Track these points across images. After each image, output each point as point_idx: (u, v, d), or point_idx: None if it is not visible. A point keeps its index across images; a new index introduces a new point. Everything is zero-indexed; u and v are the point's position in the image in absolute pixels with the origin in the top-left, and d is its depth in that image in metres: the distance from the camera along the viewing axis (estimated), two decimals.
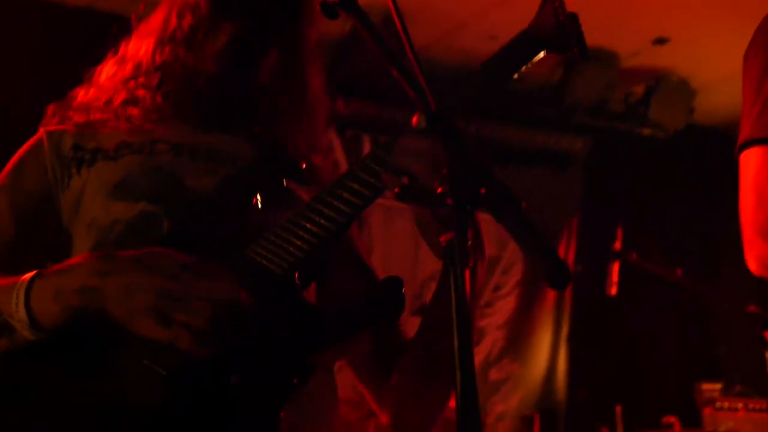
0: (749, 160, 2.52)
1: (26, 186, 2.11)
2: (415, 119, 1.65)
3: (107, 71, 2.25)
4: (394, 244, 7.29)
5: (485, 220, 1.72)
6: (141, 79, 2.18)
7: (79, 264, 1.78)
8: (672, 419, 5.22)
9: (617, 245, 6.08)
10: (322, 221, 1.84)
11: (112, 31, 2.27)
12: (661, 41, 7.07)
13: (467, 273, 1.54)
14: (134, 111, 2.15)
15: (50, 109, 2.22)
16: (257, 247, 1.85)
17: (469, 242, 1.54)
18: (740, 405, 6.44)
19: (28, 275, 1.80)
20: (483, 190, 1.59)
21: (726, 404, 6.42)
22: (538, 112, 7.82)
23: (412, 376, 2.03)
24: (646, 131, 7.95)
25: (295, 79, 2.25)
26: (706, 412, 6.38)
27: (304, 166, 2.11)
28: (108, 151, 2.10)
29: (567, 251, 7.96)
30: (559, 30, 1.72)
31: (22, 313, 1.76)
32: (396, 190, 1.67)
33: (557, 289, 1.54)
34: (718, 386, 6.59)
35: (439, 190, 1.60)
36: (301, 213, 1.88)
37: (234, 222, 1.97)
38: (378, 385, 2.11)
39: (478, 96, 1.85)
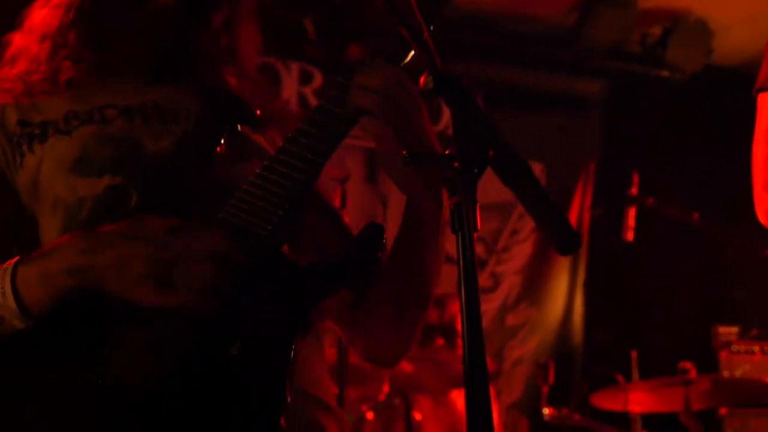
0: (763, 105, 2.50)
1: None
2: (422, 80, 1.63)
3: (33, 22, 2.16)
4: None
5: None
6: (72, 32, 2.11)
7: (63, 245, 1.72)
8: (688, 365, 5.21)
9: (634, 190, 6.06)
10: (297, 168, 1.81)
11: None
12: None
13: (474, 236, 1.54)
14: (71, 72, 2.08)
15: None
16: (232, 209, 1.79)
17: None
18: (756, 348, 6.45)
19: (10, 263, 1.73)
20: (491, 152, 1.58)
21: (742, 347, 6.43)
22: (554, 55, 7.76)
23: (382, 305, 2.02)
24: (664, 73, 7.87)
25: (235, 20, 2.21)
26: (723, 355, 6.38)
27: (258, 113, 2.06)
28: (57, 124, 2.04)
29: (584, 196, 7.94)
30: None
31: (10, 301, 1.69)
32: (404, 153, 1.66)
33: (565, 254, 1.54)
34: (734, 330, 6.58)
35: (447, 151, 1.59)
36: (270, 165, 1.83)
37: (199, 180, 1.93)
38: (349, 318, 2.09)
39: None
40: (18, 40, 2.16)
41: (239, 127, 2.01)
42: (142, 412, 1.60)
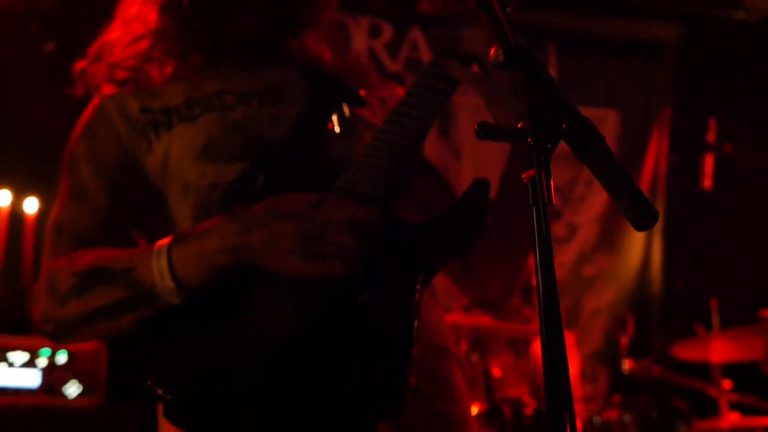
0: None
1: (104, 153, 2.14)
2: (492, 52, 1.62)
3: (130, 14, 2.26)
4: (484, 142, 7.25)
5: None
6: (172, 25, 2.21)
7: (216, 226, 1.86)
8: None
9: (711, 136, 5.96)
10: (404, 131, 1.97)
11: None
12: None
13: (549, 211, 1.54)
14: (180, 61, 2.21)
15: (86, 68, 2.24)
16: (349, 176, 1.94)
17: None
18: None
19: (162, 243, 1.88)
20: (564, 126, 1.57)
21: None
22: (626, 1, 7.65)
23: (487, 252, 2.12)
24: (739, 15, 7.72)
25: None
26: None
27: (362, 93, 2.18)
28: (180, 110, 2.15)
29: (660, 143, 7.84)
30: None
31: (168, 281, 1.85)
32: (475, 127, 1.66)
33: (642, 230, 1.53)
34: None
35: (520, 125, 1.58)
36: (381, 131, 1.99)
37: (315, 158, 2.06)
38: (457, 268, 2.24)
39: None
40: (117, 33, 2.26)
41: (345, 106, 2.14)
42: (284, 360, 1.78)
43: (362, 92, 2.18)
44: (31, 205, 5.17)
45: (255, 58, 2.28)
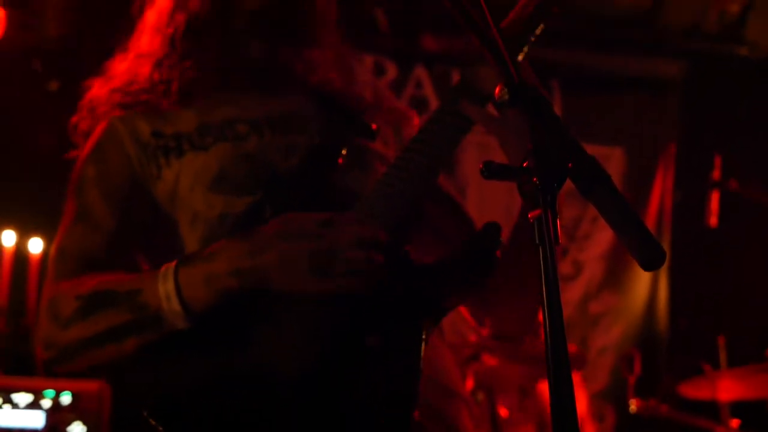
0: None
1: (113, 176, 2.13)
2: (497, 91, 1.61)
3: (144, 40, 2.27)
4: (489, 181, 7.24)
5: None
6: (184, 45, 2.21)
7: (224, 248, 1.87)
8: None
9: (716, 173, 5.95)
10: (416, 168, 1.97)
11: None
12: None
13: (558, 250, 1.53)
14: (193, 87, 2.19)
15: (95, 86, 2.25)
16: (358, 211, 1.95)
17: None
18: None
19: (169, 266, 1.87)
20: (570, 165, 1.56)
21: None
22: (630, 37, 7.66)
23: (504, 288, 2.12)
24: (743, 51, 7.73)
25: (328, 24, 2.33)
26: None
27: (375, 127, 2.17)
28: (191, 137, 2.14)
29: (665, 179, 7.82)
30: None
31: (175, 304, 1.84)
32: (480, 167, 1.64)
33: (649, 270, 1.52)
34: None
35: (525, 164, 1.57)
36: (393, 166, 2.00)
37: (325, 191, 2.06)
38: (475, 304, 2.27)
39: None
40: (127, 63, 2.26)
41: (358, 142, 2.16)
42: (287, 399, 1.78)
43: (374, 126, 2.17)
44: (35, 246, 5.15)
45: (266, 80, 2.26)
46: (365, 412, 1.76)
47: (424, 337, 1.83)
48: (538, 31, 2.09)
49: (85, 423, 4.44)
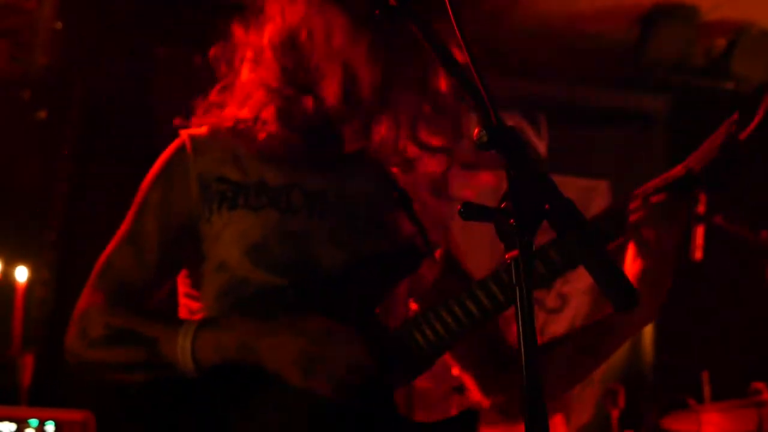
0: None
1: (174, 206, 2.24)
2: (475, 132, 1.63)
3: (244, 76, 2.29)
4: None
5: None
6: (276, 101, 2.22)
7: (238, 323, 2.10)
8: (760, 386, 5.14)
9: (701, 208, 5.97)
10: (464, 319, 2.11)
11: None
12: None
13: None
14: (273, 141, 2.21)
15: (199, 109, 2.30)
16: (414, 329, 2.14)
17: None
18: None
19: (189, 327, 2.09)
20: (547, 206, 1.57)
21: None
22: (617, 71, 7.69)
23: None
24: (730, 85, 7.76)
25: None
26: None
27: (438, 255, 2.32)
28: (248, 193, 2.20)
29: None
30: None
31: (188, 360, 2.07)
32: (458, 208, 1.66)
33: (621, 311, 1.53)
34: None
35: (503, 205, 1.59)
36: (450, 306, 2.13)
37: (359, 300, 2.19)
38: (484, 375, 2.39)
39: None
40: (245, 82, 2.29)
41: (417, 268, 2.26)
42: None
43: (437, 253, 2.32)
44: (21, 274, 5.14)
45: (337, 148, 2.28)
46: None
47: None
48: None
49: None
